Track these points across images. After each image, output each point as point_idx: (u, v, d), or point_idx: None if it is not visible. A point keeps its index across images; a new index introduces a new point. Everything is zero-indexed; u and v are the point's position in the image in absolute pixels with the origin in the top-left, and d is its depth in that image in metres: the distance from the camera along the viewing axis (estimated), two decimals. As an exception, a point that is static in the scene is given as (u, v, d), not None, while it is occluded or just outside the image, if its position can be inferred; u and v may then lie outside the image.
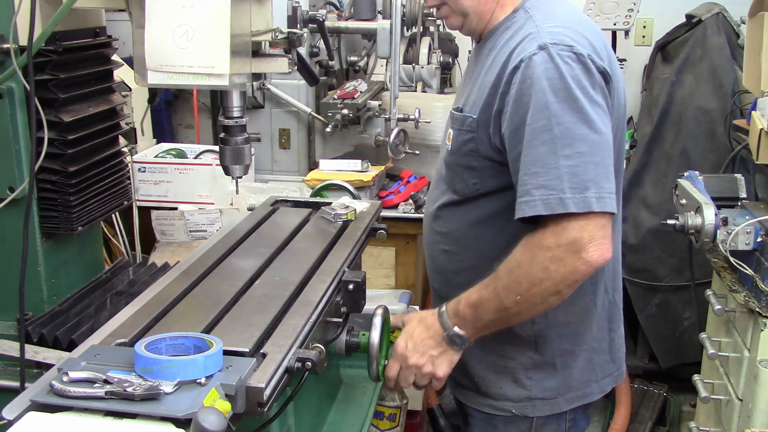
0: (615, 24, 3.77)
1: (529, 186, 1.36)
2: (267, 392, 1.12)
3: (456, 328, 1.49)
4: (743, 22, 3.10)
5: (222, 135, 1.66)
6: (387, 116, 3.11)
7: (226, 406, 1.04)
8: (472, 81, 1.60)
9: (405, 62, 3.52)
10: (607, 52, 1.48)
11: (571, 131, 1.34)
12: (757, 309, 2.17)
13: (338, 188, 2.80)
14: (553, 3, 1.53)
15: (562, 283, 1.37)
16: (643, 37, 4.26)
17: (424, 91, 3.56)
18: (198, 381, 1.06)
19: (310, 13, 3.09)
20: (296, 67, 1.70)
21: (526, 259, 1.38)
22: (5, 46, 1.54)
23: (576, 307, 1.60)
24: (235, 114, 1.63)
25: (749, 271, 2.24)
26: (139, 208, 2.88)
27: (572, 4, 1.58)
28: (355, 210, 1.94)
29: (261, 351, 1.22)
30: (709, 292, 2.50)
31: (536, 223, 1.39)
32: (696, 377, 2.58)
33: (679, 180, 2.47)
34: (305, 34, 2.80)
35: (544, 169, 1.35)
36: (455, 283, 1.63)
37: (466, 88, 1.64)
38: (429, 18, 3.63)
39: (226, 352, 1.20)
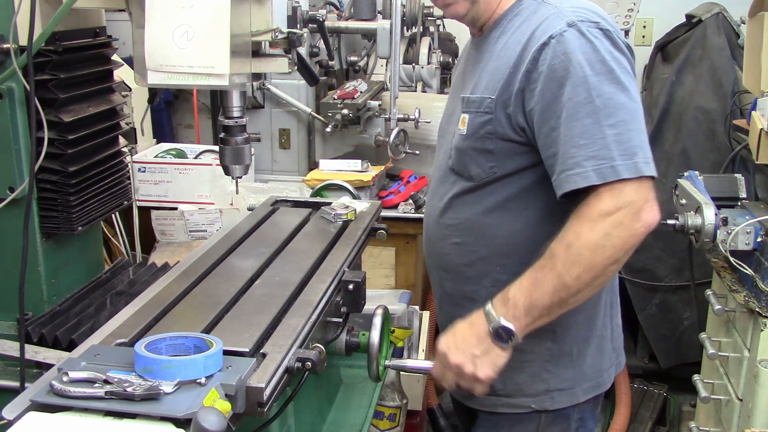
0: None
1: (579, 158, 1.36)
2: (267, 392, 1.12)
3: (502, 319, 1.40)
4: (743, 22, 3.10)
5: (222, 135, 1.66)
6: (387, 116, 3.11)
7: (226, 406, 1.04)
8: (479, 69, 1.58)
9: (405, 62, 3.52)
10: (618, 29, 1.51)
11: (612, 101, 1.37)
12: (757, 309, 2.17)
13: (338, 188, 2.80)
14: None
15: (622, 249, 1.36)
16: (643, 37, 4.25)
17: (424, 91, 3.56)
18: (198, 381, 1.06)
19: (310, 13, 3.09)
20: (296, 67, 1.70)
21: (585, 229, 1.35)
22: (5, 46, 1.54)
23: None
24: (235, 114, 1.63)
25: (749, 271, 2.24)
26: (139, 208, 2.88)
27: None
28: (355, 210, 1.94)
29: (261, 351, 1.22)
30: (709, 292, 2.50)
31: (575, 197, 1.39)
32: (696, 377, 2.58)
33: (679, 180, 2.46)
34: (305, 34, 2.80)
35: (591, 140, 1.36)
36: (467, 277, 1.61)
37: (472, 77, 1.61)
38: (429, 18, 3.63)
39: (226, 352, 1.20)
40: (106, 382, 1.04)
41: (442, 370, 1.48)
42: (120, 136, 1.99)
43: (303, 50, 3.10)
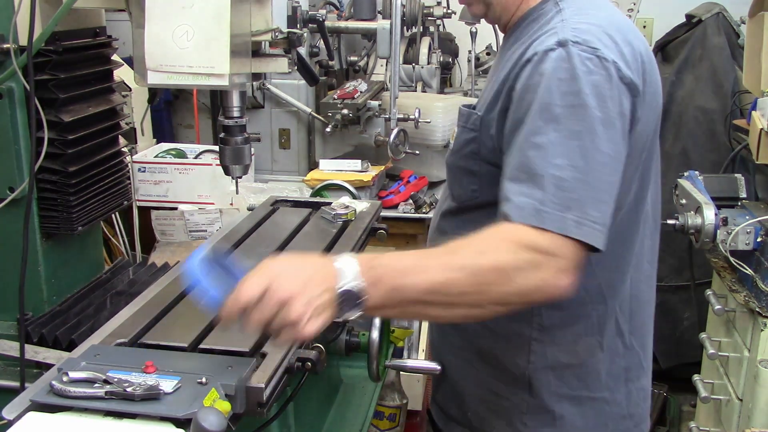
0: (615, 24, 3.76)
1: (510, 193, 1.19)
2: (267, 392, 1.12)
3: (358, 285, 1.10)
4: (743, 22, 3.10)
5: (222, 135, 1.66)
6: (387, 116, 3.10)
7: (226, 406, 1.04)
8: (492, 79, 1.46)
9: (405, 62, 3.52)
10: (641, 58, 1.30)
11: (570, 140, 1.17)
12: (757, 309, 2.17)
13: (338, 188, 2.80)
14: None
15: (523, 295, 1.15)
16: (643, 37, 4.25)
17: (424, 91, 3.56)
18: (198, 381, 1.06)
19: (310, 13, 3.08)
20: (296, 67, 1.70)
21: (504, 246, 1.14)
22: (5, 46, 1.54)
23: (578, 347, 1.41)
24: (235, 114, 1.63)
25: (749, 271, 2.24)
26: (139, 208, 2.88)
27: (609, 3, 1.41)
28: (355, 210, 1.93)
29: (261, 351, 1.22)
30: (709, 292, 2.50)
31: None
32: (696, 377, 2.58)
33: (679, 180, 2.47)
34: (305, 34, 2.80)
35: (528, 175, 1.17)
36: None
37: (486, 86, 1.50)
38: (429, 18, 3.64)
39: (226, 352, 1.20)
40: (106, 382, 1.05)
41: (258, 299, 1.07)
42: (120, 136, 1.98)
43: (303, 50, 3.10)
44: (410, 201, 2.97)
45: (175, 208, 2.92)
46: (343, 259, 1.13)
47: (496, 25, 1.51)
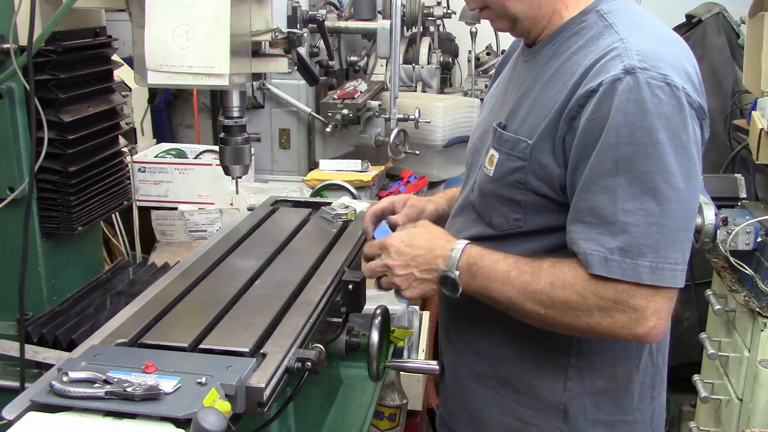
0: (615, 24, 3.76)
1: (578, 236, 1.19)
2: (267, 392, 1.12)
3: (457, 273, 1.29)
4: (743, 22, 3.10)
5: (222, 135, 1.66)
6: (387, 116, 3.11)
7: (226, 406, 1.04)
8: (521, 92, 1.35)
9: (405, 62, 3.53)
10: (698, 77, 1.24)
11: (641, 183, 1.13)
12: (757, 309, 2.17)
13: (338, 188, 2.80)
14: (634, 8, 1.30)
15: (596, 333, 1.21)
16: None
17: (424, 91, 3.56)
18: (198, 381, 1.06)
19: (310, 13, 3.09)
20: (296, 67, 1.70)
21: (576, 291, 1.18)
22: (5, 46, 1.54)
23: (618, 371, 1.37)
24: (235, 114, 1.63)
25: (749, 271, 2.24)
26: (139, 208, 2.89)
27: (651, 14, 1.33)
28: (355, 210, 1.93)
29: (261, 351, 1.22)
30: (709, 292, 2.50)
31: None
32: (696, 377, 2.58)
33: (679, 180, 2.46)
34: (305, 34, 2.80)
35: (598, 220, 1.16)
36: (477, 332, 1.46)
37: (509, 98, 1.39)
38: (429, 18, 3.64)
39: (226, 352, 1.21)
40: (106, 382, 1.04)
41: (377, 261, 1.40)
42: (120, 136, 1.98)
43: (303, 50, 3.10)
44: (410, 201, 2.97)
45: (175, 208, 2.92)
46: (455, 247, 1.31)
47: (524, 38, 1.41)
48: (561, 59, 1.27)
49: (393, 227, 1.61)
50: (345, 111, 3.04)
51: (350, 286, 1.54)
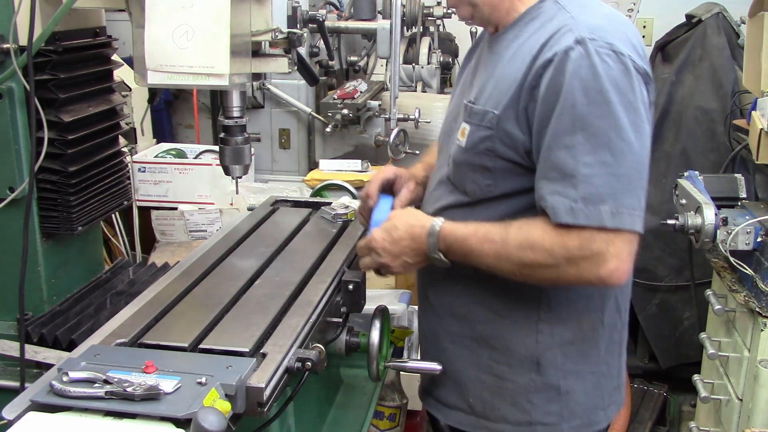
0: (615, 24, 3.76)
1: (545, 191, 1.30)
2: (267, 392, 1.12)
3: (440, 254, 1.43)
4: (743, 22, 3.10)
5: (222, 135, 1.66)
6: (387, 116, 3.11)
7: (226, 406, 1.04)
8: (487, 73, 1.47)
9: (405, 62, 3.53)
10: (642, 48, 1.38)
11: (597, 138, 1.25)
12: (757, 309, 2.17)
13: (338, 188, 2.80)
14: None
15: (567, 281, 1.34)
16: (643, 37, 4.23)
17: (424, 91, 3.56)
18: (198, 381, 1.06)
19: (310, 13, 3.09)
20: (296, 67, 1.70)
21: (544, 247, 1.30)
22: (5, 46, 1.54)
23: (583, 324, 1.49)
24: (235, 114, 1.63)
25: (749, 271, 2.24)
26: (139, 208, 2.89)
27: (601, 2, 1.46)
28: (355, 210, 1.94)
29: (261, 351, 1.22)
30: (709, 292, 2.50)
31: None
32: (696, 377, 2.58)
33: (679, 180, 2.46)
34: (305, 34, 2.80)
35: (561, 175, 1.27)
36: (454, 293, 1.55)
37: (477, 80, 1.51)
38: (429, 18, 3.64)
39: (226, 352, 1.21)
40: (106, 382, 1.05)
41: (370, 256, 1.51)
42: (120, 136, 1.99)
43: (303, 50, 3.10)
44: (410, 201, 2.97)
45: (175, 208, 2.92)
46: (431, 232, 1.43)
47: (485, 26, 1.54)
48: (521, 40, 1.41)
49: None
50: (345, 111, 3.04)
51: (350, 286, 1.54)
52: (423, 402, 1.72)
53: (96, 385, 1.04)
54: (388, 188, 1.69)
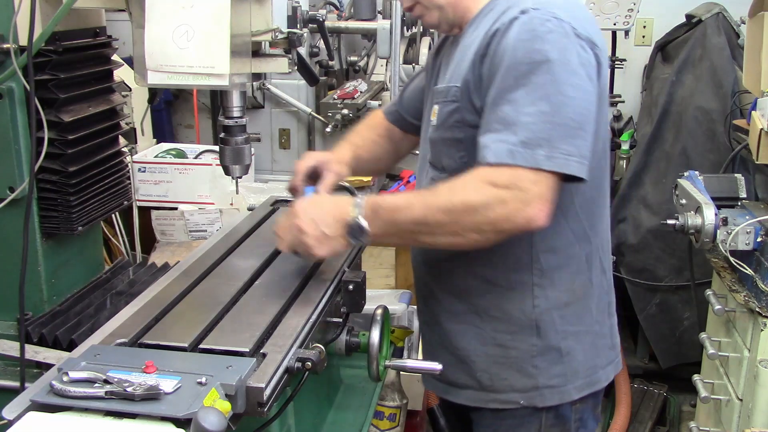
0: (615, 24, 3.77)
1: (487, 141, 1.36)
2: (267, 392, 1.12)
3: (362, 219, 1.40)
4: (743, 22, 3.10)
5: (222, 135, 1.66)
6: (387, 116, 3.10)
7: (226, 406, 1.04)
8: (449, 61, 1.58)
9: (405, 62, 3.52)
10: (592, 25, 1.46)
11: (536, 92, 1.34)
12: (757, 309, 2.17)
13: (338, 188, 2.80)
14: None
15: (492, 225, 1.34)
16: (643, 37, 4.25)
17: (424, 91, 3.55)
18: (198, 381, 1.06)
19: (310, 13, 3.09)
20: (296, 67, 1.70)
21: (473, 186, 1.35)
22: (5, 46, 1.54)
23: (575, 285, 1.58)
24: (235, 114, 1.63)
25: (749, 271, 2.24)
26: (139, 208, 2.89)
27: None
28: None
29: (261, 351, 1.22)
30: (709, 292, 2.50)
31: None
32: (696, 377, 2.58)
33: (679, 180, 2.47)
34: (305, 34, 2.80)
35: (504, 125, 1.35)
36: (448, 271, 1.61)
37: (442, 73, 1.61)
38: (429, 18, 3.63)
39: (226, 352, 1.21)
40: (106, 382, 1.04)
41: (288, 228, 1.46)
42: (120, 136, 1.99)
43: (303, 50, 3.10)
44: (410, 201, 2.97)
45: (175, 208, 2.92)
46: (354, 200, 1.42)
47: (449, 31, 1.62)
48: (480, 29, 1.50)
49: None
50: (345, 111, 3.04)
51: (350, 286, 1.54)
52: (430, 388, 1.78)
53: (96, 385, 1.04)
54: (315, 176, 1.73)
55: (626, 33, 3.84)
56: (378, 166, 2.00)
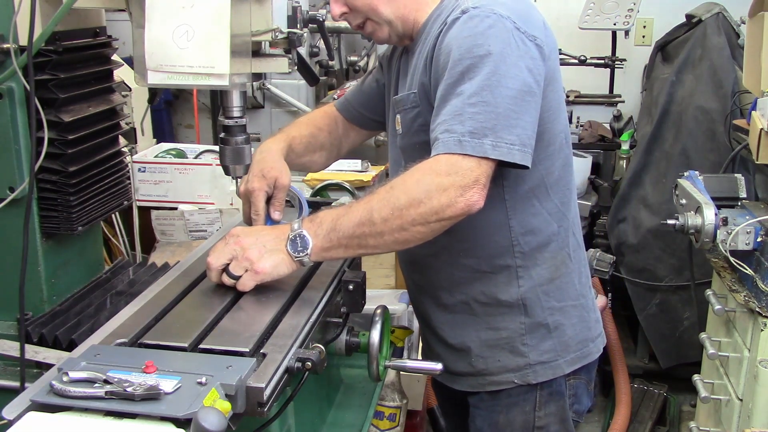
0: (615, 24, 3.78)
1: (437, 132, 1.41)
2: (267, 392, 1.12)
3: (304, 231, 1.40)
4: (743, 22, 3.10)
5: (222, 135, 1.66)
6: (387, 116, 3.10)
7: (226, 406, 1.04)
8: (408, 71, 1.63)
9: (405, 62, 3.52)
10: (539, 21, 1.51)
11: (480, 83, 1.39)
12: (757, 309, 2.17)
13: (338, 188, 2.80)
14: None
15: (436, 214, 1.36)
16: (643, 37, 4.26)
17: (424, 91, 3.55)
18: (198, 381, 1.06)
19: (310, 13, 3.09)
20: (296, 67, 1.70)
21: (413, 179, 1.38)
22: (5, 46, 1.54)
23: (557, 261, 1.63)
24: (235, 114, 1.63)
25: (749, 271, 2.24)
26: (139, 208, 2.89)
27: None
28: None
29: (261, 351, 1.22)
30: (709, 292, 2.50)
31: None
32: (696, 377, 2.58)
33: (679, 180, 2.47)
34: (305, 34, 2.80)
35: (452, 117, 1.40)
36: (435, 268, 1.66)
37: (403, 80, 1.67)
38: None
39: (226, 352, 1.21)
40: (106, 382, 1.04)
41: (224, 247, 1.42)
42: (120, 136, 1.99)
43: (303, 50, 3.10)
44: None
45: (175, 208, 2.92)
46: (294, 223, 1.43)
47: (401, 44, 1.68)
48: (429, 37, 1.55)
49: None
50: (345, 111, 3.03)
51: (350, 286, 1.54)
52: (436, 377, 1.82)
53: (96, 385, 1.04)
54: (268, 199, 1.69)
55: (626, 33, 3.85)
56: (312, 159, 1.94)
